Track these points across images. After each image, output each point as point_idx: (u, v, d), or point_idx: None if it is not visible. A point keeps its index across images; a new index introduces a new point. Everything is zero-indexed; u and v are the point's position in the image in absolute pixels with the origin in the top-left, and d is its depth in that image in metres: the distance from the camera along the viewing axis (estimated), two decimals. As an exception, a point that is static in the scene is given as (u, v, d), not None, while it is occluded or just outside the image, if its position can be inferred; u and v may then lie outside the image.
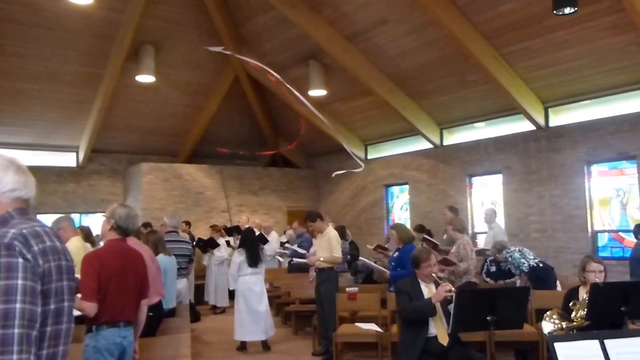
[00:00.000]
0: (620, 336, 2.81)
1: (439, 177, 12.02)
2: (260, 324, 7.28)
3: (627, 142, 8.66)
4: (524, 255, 6.43)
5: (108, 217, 3.73)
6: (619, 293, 3.92)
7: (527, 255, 6.48)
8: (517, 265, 6.40)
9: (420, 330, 4.44)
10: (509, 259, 6.49)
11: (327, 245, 7.00)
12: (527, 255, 6.48)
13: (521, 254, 6.43)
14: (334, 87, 12.05)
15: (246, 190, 15.08)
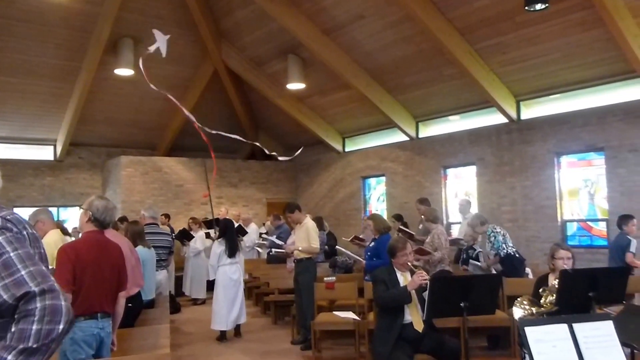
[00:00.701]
0: (588, 320, 2.97)
1: (415, 169, 12.26)
2: (236, 312, 7.49)
3: (595, 134, 8.97)
4: (505, 241, 6.74)
5: (85, 209, 3.75)
6: (586, 279, 4.10)
7: (508, 242, 6.78)
8: (497, 247, 6.68)
9: (396, 317, 4.59)
10: (492, 238, 6.76)
11: (305, 236, 7.15)
12: (508, 242, 6.78)
13: (504, 238, 6.73)
14: (312, 81, 12.18)
15: (226, 183, 15.15)
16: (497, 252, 6.78)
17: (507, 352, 6.26)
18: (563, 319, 2.98)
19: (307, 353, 6.61)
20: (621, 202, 8.46)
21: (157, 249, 6.65)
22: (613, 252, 7.21)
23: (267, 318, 9.12)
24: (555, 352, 2.85)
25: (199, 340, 7.63)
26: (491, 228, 6.89)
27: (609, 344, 2.93)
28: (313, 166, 15.62)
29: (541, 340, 2.87)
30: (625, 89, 8.70)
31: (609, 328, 2.98)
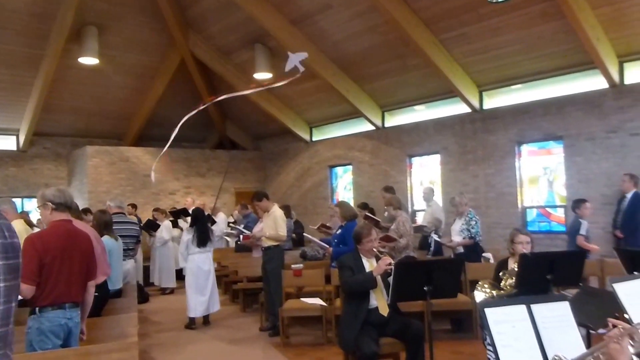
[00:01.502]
0: (545, 301, 3.09)
1: (381, 158, 12.43)
2: (204, 300, 7.55)
3: (554, 123, 9.25)
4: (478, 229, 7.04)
5: (42, 203, 3.69)
6: (545, 263, 4.26)
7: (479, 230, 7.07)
8: (475, 232, 6.92)
9: (362, 302, 4.68)
10: (472, 222, 6.97)
11: (273, 224, 7.21)
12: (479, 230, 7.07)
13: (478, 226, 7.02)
14: (279, 71, 12.09)
15: (194, 173, 15.08)
16: (473, 237, 7.01)
17: (469, 335, 6.48)
18: (522, 300, 3.11)
19: (276, 339, 6.70)
20: (578, 189, 8.78)
21: (124, 239, 6.62)
22: (569, 236, 7.52)
23: (235, 306, 9.18)
24: (514, 332, 2.97)
25: (168, 329, 7.63)
26: (473, 213, 7.11)
27: (566, 324, 3.07)
28: (281, 155, 15.66)
29: (501, 321, 2.99)
30: (583, 79, 8.99)
31: (566, 309, 3.13)
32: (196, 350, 6.49)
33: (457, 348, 6.05)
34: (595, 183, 8.64)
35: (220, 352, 6.35)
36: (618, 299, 3.15)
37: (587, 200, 7.43)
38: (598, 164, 8.64)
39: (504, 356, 2.89)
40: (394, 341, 4.68)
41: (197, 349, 6.54)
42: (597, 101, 8.69)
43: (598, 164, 8.63)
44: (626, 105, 8.33)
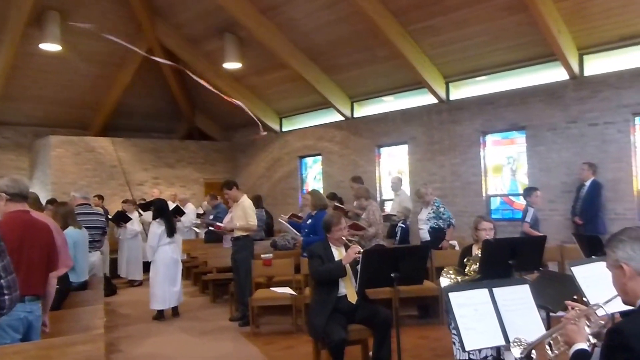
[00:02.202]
0: (506, 284, 3.22)
1: (350, 148, 12.53)
2: (176, 291, 7.53)
3: (517, 114, 9.48)
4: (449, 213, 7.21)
5: None
6: (507, 248, 4.40)
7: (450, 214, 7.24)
8: (448, 217, 7.07)
9: (331, 290, 4.76)
10: (441, 209, 7.12)
11: (243, 214, 7.22)
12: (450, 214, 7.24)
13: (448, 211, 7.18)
14: (249, 61, 12.11)
15: (162, 163, 14.91)
16: (449, 222, 7.16)
17: (435, 320, 6.66)
18: (484, 285, 3.23)
19: (246, 329, 6.74)
20: (540, 177, 9.05)
21: (89, 230, 6.50)
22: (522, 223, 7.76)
23: (205, 297, 9.18)
24: (477, 315, 3.09)
25: (136, 321, 7.58)
26: (439, 201, 7.24)
27: (526, 306, 3.20)
28: (250, 146, 15.62)
29: (464, 305, 3.10)
30: (545, 71, 9.22)
31: (526, 292, 3.27)
32: (165, 341, 6.48)
33: (423, 333, 6.21)
34: (555, 172, 8.92)
35: (189, 343, 6.36)
36: (576, 281, 3.30)
37: (537, 189, 7.65)
38: (559, 153, 8.91)
39: (467, 339, 3.00)
40: (362, 328, 4.78)
41: (166, 340, 6.53)
42: (558, 92, 8.94)
43: (559, 153, 8.91)
44: (585, 97, 8.60)
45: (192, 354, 5.88)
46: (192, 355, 5.83)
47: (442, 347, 5.48)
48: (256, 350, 5.87)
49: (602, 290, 2.55)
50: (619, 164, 8.22)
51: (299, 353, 5.61)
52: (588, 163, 8.27)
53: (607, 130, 8.36)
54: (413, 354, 5.39)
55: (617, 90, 8.25)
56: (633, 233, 2.08)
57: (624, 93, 8.18)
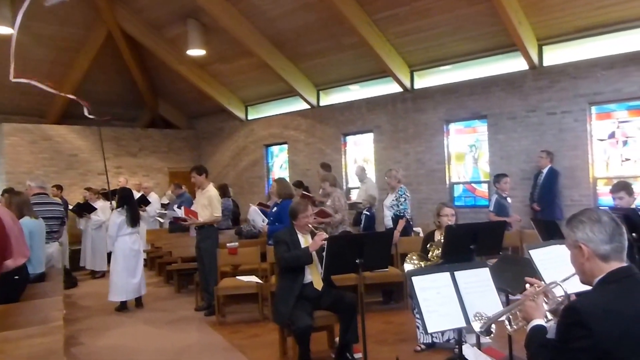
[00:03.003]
0: (467, 268, 3.33)
1: (316, 136, 12.53)
2: (136, 282, 7.43)
3: (479, 103, 9.66)
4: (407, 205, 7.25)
5: None
6: (468, 234, 4.50)
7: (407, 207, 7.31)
8: (404, 209, 7.14)
9: (297, 277, 4.79)
10: (402, 199, 7.17)
11: (208, 203, 7.15)
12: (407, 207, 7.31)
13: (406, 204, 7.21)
14: (213, 48, 11.94)
15: (124, 152, 14.63)
16: (403, 214, 7.21)
17: (399, 305, 6.77)
18: (446, 268, 3.31)
19: (211, 318, 6.70)
20: (500, 165, 9.25)
21: (47, 220, 6.28)
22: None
23: (170, 287, 9.07)
24: (439, 297, 3.16)
25: (97, 313, 7.44)
26: (404, 190, 7.30)
27: (486, 289, 3.30)
28: (216, 134, 15.46)
29: (426, 288, 3.18)
30: (506, 61, 9.40)
31: (486, 274, 3.36)
32: (127, 333, 6.38)
33: (388, 318, 6.30)
34: (515, 159, 9.14)
35: (152, 334, 6.28)
36: (534, 264, 3.41)
37: (506, 175, 7.83)
38: (518, 141, 9.13)
39: (429, 321, 3.07)
40: (328, 314, 4.82)
41: (129, 331, 6.43)
42: (518, 82, 9.14)
43: (518, 142, 9.12)
44: (544, 86, 8.82)
45: (156, 344, 5.81)
46: (156, 346, 5.77)
47: (406, 332, 5.58)
48: (221, 339, 5.84)
49: (558, 271, 2.64)
50: (576, 152, 8.48)
51: (265, 341, 5.62)
52: (545, 151, 8.51)
53: (565, 119, 8.60)
54: (378, 338, 5.46)
55: (574, 80, 8.49)
56: (593, 215, 2.14)
57: (580, 83, 8.42)
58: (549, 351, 2.06)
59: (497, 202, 7.60)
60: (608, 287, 2.03)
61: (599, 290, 2.06)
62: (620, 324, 1.90)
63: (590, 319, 1.90)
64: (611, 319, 1.90)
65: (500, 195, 7.64)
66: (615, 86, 8.07)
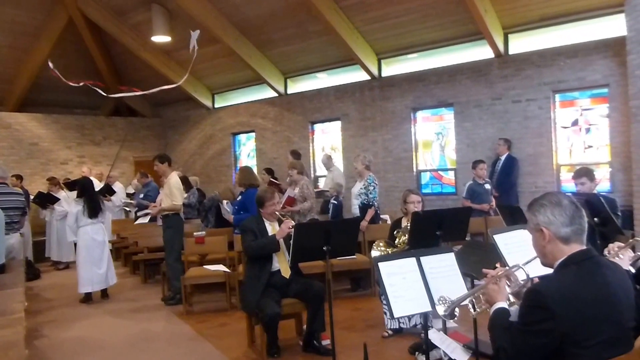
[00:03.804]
0: (432, 253, 3.32)
1: (284, 125, 12.47)
2: (102, 273, 7.28)
3: (446, 91, 9.74)
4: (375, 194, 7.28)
5: None
6: (434, 220, 4.52)
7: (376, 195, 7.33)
8: (373, 198, 7.15)
9: (264, 265, 4.76)
10: (371, 187, 7.18)
11: (169, 192, 7.04)
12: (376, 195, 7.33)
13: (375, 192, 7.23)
14: (179, 34, 11.67)
15: (87, 141, 14.27)
16: (372, 203, 7.22)
17: (367, 292, 6.82)
18: (412, 254, 3.32)
19: (179, 308, 6.62)
20: (467, 153, 9.37)
21: (6, 211, 6.09)
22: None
23: (136, 278, 8.94)
24: (405, 282, 3.17)
25: (61, 305, 7.28)
26: (373, 178, 7.30)
27: (451, 274, 3.32)
28: (182, 123, 15.22)
29: (393, 274, 3.18)
30: (472, 49, 9.50)
31: (451, 259, 3.38)
32: (92, 324, 6.26)
33: (356, 305, 6.34)
34: (481, 147, 9.27)
35: (118, 325, 6.18)
36: (498, 248, 3.44)
37: (482, 162, 7.88)
38: (484, 129, 9.25)
39: (395, 306, 3.08)
40: (295, 301, 4.81)
41: (94, 323, 6.31)
42: (484, 70, 9.25)
43: (484, 129, 9.25)
44: (509, 74, 8.94)
45: (122, 335, 5.72)
46: (122, 336, 5.67)
47: (374, 318, 5.62)
48: (189, 329, 5.79)
49: (522, 255, 2.66)
50: (540, 140, 8.64)
51: (233, 330, 5.59)
52: (504, 139, 8.69)
53: (529, 107, 8.75)
54: (346, 325, 5.49)
55: (538, 69, 8.63)
56: (554, 198, 2.16)
57: (545, 71, 8.56)
58: (511, 333, 2.08)
59: (470, 188, 7.69)
60: (568, 269, 2.06)
61: (560, 272, 2.09)
62: (580, 306, 1.93)
63: (552, 301, 1.93)
64: (571, 302, 1.93)
65: (475, 181, 7.72)
66: (578, 74, 8.24)
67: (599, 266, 2.09)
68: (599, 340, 1.93)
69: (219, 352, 4.97)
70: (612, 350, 1.94)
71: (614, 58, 7.81)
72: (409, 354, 4.50)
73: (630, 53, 6.67)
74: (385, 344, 4.89)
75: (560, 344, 1.93)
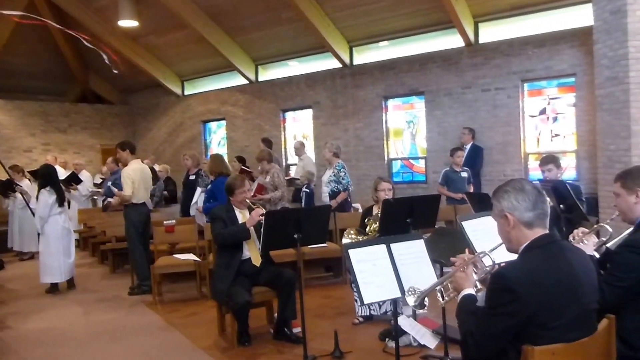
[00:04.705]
0: (402, 240, 3.35)
1: (255, 112, 12.37)
2: (71, 262, 7.15)
3: (417, 79, 9.79)
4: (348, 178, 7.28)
5: None
6: (404, 207, 4.54)
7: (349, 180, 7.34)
8: (346, 183, 7.15)
9: (235, 254, 4.71)
10: (341, 173, 7.17)
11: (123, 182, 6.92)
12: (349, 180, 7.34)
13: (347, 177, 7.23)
14: (146, 19, 11.44)
15: (52, 128, 13.90)
16: (346, 188, 7.24)
17: (339, 280, 6.83)
18: (382, 240, 3.33)
19: (148, 298, 6.52)
20: (438, 141, 9.45)
21: (-34, 200, 5.93)
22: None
23: (104, 267, 8.77)
24: (375, 269, 3.18)
25: (26, 296, 7.10)
26: (342, 164, 7.29)
27: (421, 260, 3.34)
28: (151, 110, 14.96)
29: (363, 261, 3.19)
30: (443, 38, 9.55)
31: (421, 246, 3.41)
32: (59, 315, 6.12)
33: (327, 293, 6.35)
34: (451, 135, 9.35)
35: (86, 315, 6.06)
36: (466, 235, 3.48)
37: (460, 149, 7.91)
38: (455, 117, 9.33)
39: (365, 292, 3.09)
40: (266, 290, 4.79)
41: (60, 314, 6.17)
42: (455, 59, 9.31)
43: (455, 118, 9.33)
44: (479, 63, 9.03)
45: (89, 326, 5.62)
46: (89, 327, 5.57)
47: (344, 305, 5.63)
48: (158, 319, 5.71)
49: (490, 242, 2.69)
50: (508, 128, 8.77)
51: (204, 319, 5.54)
52: (468, 128, 8.80)
53: (498, 96, 8.86)
54: (317, 312, 5.49)
55: (507, 58, 8.73)
56: (517, 184, 2.20)
57: (513, 60, 8.67)
58: (477, 317, 2.11)
59: (445, 174, 7.74)
60: (533, 253, 2.10)
61: (524, 256, 2.13)
62: (544, 288, 1.97)
63: (517, 284, 1.96)
64: (536, 284, 1.96)
65: (452, 168, 7.76)
66: (546, 63, 8.37)
67: (562, 250, 2.13)
68: (563, 321, 1.97)
69: (189, 342, 4.91)
70: (575, 331, 1.98)
71: (581, 47, 7.96)
72: (379, 340, 4.53)
73: (596, 42, 6.78)
74: (355, 331, 4.92)
75: (525, 325, 1.96)
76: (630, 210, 2.67)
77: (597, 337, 2.05)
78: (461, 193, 7.53)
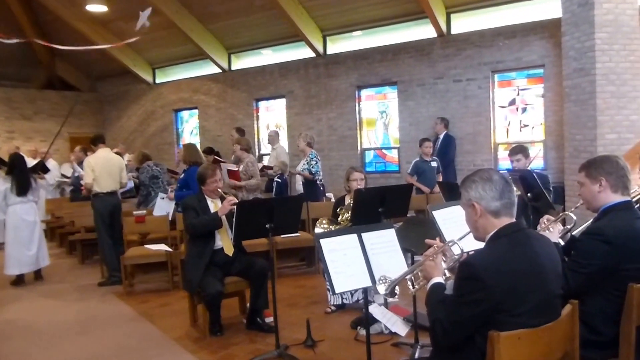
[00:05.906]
0: (373, 229, 3.35)
1: (228, 101, 12.25)
2: (32, 255, 6.98)
3: (389, 69, 9.82)
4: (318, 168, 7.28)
5: None
6: (376, 197, 4.55)
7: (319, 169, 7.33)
8: (316, 172, 7.14)
9: (207, 243, 4.68)
10: (313, 162, 7.15)
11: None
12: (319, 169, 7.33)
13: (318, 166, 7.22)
14: (115, 3, 11.17)
15: (17, 115, 13.53)
16: (314, 175, 7.25)
17: (311, 269, 6.86)
18: (353, 230, 3.34)
19: (118, 289, 6.45)
20: (410, 131, 9.52)
21: None
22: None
23: (73, 258, 8.62)
24: (346, 259, 3.19)
25: (-8, 288, 6.95)
26: (315, 154, 7.30)
27: (392, 249, 3.36)
28: (121, 98, 14.67)
29: (334, 250, 3.19)
30: (415, 28, 9.60)
31: (392, 235, 3.43)
32: (25, 307, 5.99)
33: (299, 282, 6.37)
34: (424, 125, 9.43)
35: (54, 307, 5.95)
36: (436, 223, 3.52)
37: (428, 140, 7.98)
38: (427, 107, 9.41)
39: (337, 282, 3.10)
40: (238, 279, 4.77)
41: (26, 306, 6.05)
42: (427, 49, 9.37)
43: (427, 108, 9.41)
44: (451, 54, 9.10)
45: (57, 317, 5.51)
46: (57, 318, 5.47)
47: (317, 295, 5.66)
48: (129, 309, 5.65)
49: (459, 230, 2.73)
50: (479, 119, 8.88)
51: (175, 309, 5.50)
52: (440, 118, 8.90)
53: (469, 87, 8.96)
54: (289, 302, 5.51)
55: (478, 49, 8.82)
56: (484, 174, 2.23)
57: (484, 51, 8.76)
58: (445, 305, 2.14)
59: (415, 164, 7.79)
60: (499, 241, 2.14)
61: (491, 245, 2.17)
62: (510, 276, 2.01)
63: (483, 272, 1.99)
64: (502, 272, 2.00)
65: (422, 158, 7.81)
66: (516, 55, 8.48)
67: (528, 238, 2.17)
68: (528, 308, 2.01)
69: (160, 332, 4.87)
70: (540, 317, 2.02)
71: (550, 39, 8.09)
72: (350, 329, 4.57)
73: (564, 34, 6.90)
74: (328, 320, 4.95)
75: (491, 312, 2.00)
76: (593, 198, 2.72)
77: (561, 322, 2.10)
78: (432, 184, 7.65)
